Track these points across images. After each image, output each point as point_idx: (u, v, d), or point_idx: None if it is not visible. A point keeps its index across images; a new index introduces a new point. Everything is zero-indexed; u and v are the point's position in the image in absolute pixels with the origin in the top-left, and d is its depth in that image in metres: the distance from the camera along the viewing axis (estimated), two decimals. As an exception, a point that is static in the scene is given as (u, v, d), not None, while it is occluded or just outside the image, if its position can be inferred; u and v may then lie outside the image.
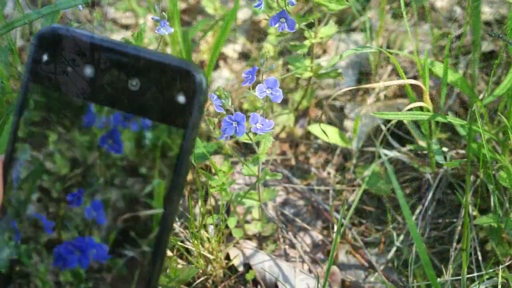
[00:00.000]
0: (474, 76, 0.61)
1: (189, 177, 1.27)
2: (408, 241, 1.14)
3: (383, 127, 1.29)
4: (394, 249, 1.13)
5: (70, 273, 0.60)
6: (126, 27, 1.61)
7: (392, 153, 1.24)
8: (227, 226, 1.12)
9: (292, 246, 1.15)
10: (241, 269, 1.11)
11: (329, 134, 1.23)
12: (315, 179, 1.27)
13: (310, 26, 1.10)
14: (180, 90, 0.57)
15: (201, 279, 1.07)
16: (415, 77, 1.40)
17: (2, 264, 0.61)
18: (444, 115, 1.06)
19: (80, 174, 0.60)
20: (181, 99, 0.57)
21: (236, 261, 1.11)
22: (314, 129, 1.25)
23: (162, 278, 0.97)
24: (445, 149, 1.14)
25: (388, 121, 1.28)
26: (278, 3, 1.01)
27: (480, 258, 1.07)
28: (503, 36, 1.01)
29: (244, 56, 1.53)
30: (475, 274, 1.05)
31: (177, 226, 1.12)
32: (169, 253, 1.06)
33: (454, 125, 1.11)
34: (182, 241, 1.10)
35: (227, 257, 1.12)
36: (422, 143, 1.20)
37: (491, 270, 1.03)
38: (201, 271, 1.07)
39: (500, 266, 1.01)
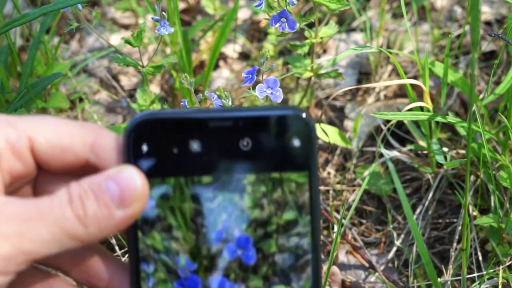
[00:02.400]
0: (474, 76, 0.61)
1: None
2: (408, 241, 1.14)
3: (383, 127, 1.29)
4: (394, 249, 1.13)
5: None
6: (125, 27, 1.61)
7: (392, 153, 1.24)
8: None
9: (292, 246, 1.15)
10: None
11: (329, 134, 1.23)
12: (315, 179, 1.26)
13: (310, 25, 1.10)
14: (293, 135, 0.57)
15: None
16: (415, 77, 1.40)
17: None
18: (444, 115, 1.06)
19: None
20: (296, 142, 0.58)
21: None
22: (314, 129, 1.24)
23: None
24: (445, 149, 1.14)
25: (388, 121, 1.28)
26: (278, 2, 1.00)
27: (480, 258, 1.07)
28: (503, 36, 1.01)
29: (244, 56, 1.53)
30: (476, 274, 1.04)
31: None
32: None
33: (454, 125, 1.11)
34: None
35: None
36: (422, 143, 1.20)
37: (491, 270, 1.03)
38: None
39: (501, 266, 1.01)
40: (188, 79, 0.89)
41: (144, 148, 0.57)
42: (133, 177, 0.55)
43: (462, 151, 1.19)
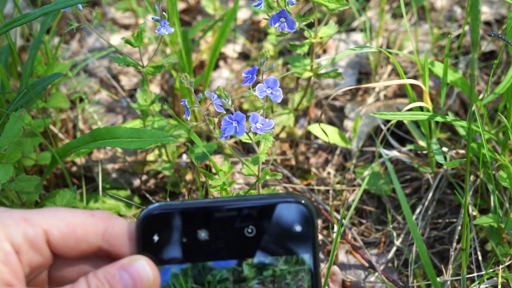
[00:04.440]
0: (474, 76, 0.61)
1: (189, 176, 1.27)
2: (408, 241, 1.14)
3: (382, 127, 1.29)
4: (394, 249, 1.13)
5: None
6: (126, 27, 1.61)
7: (392, 153, 1.24)
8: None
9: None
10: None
11: (329, 134, 1.23)
12: (315, 179, 1.27)
13: (310, 26, 1.10)
14: (294, 221, 0.62)
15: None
16: (415, 77, 1.40)
17: None
18: (444, 115, 1.06)
19: None
20: (297, 227, 0.62)
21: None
22: (314, 129, 1.24)
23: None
24: (445, 149, 1.14)
25: (388, 121, 1.28)
26: (278, 2, 1.01)
27: (480, 258, 1.07)
28: (502, 36, 1.01)
29: (244, 56, 1.54)
30: (475, 274, 1.05)
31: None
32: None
33: (454, 125, 1.11)
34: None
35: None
36: (422, 143, 1.20)
37: (491, 270, 1.03)
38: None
39: (500, 266, 1.01)
40: (188, 78, 0.89)
41: (155, 238, 0.61)
42: (145, 269, 0.60)
43: (462, 151, 1.19)
